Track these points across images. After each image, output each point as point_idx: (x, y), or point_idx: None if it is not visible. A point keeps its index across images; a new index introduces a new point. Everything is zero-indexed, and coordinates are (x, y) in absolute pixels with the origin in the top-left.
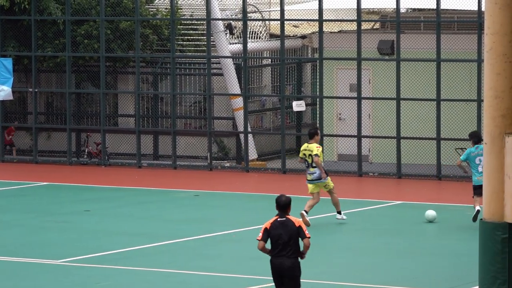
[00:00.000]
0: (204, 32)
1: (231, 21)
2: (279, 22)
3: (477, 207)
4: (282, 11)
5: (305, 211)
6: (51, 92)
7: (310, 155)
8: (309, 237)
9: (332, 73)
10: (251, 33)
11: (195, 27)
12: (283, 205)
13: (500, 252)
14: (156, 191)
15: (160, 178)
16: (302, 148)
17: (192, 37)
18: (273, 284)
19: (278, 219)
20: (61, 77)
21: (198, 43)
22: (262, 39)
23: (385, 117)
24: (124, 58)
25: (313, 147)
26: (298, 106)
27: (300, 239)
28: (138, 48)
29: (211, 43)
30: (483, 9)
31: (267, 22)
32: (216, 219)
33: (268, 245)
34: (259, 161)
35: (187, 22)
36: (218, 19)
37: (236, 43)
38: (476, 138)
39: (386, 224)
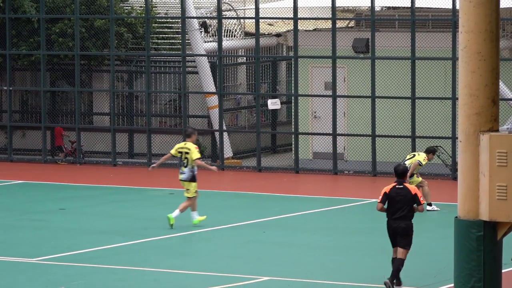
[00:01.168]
0: (179, 30)
1: (206, 19)
2: (254, 20)
3: None
4: (257, 9)
5: (429, 204)
6: (25, 91)
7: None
8: (423, 203)
9: (307, 71)
10: (226, 31)
11: (170, 25)
12: (401, 173)
13: (475, 250)
14: (131, 189)
15: (135, 177)
16: None
17: (167, 35)
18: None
19: (396, 186)
20: (36, 75)
21: (173, 41)
22: (237, 37)
23: (360, 115)
24: (99, 56)
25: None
26: (273, 104)
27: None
28: (113, 46)
29: (186, 41)
30: (457, 7)
31: (242, 20)
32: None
33: None
34: (235, 159)
35: (162, 20)
36: (193, 17)
37: (211, 41)
38: None
39: (361, 222)
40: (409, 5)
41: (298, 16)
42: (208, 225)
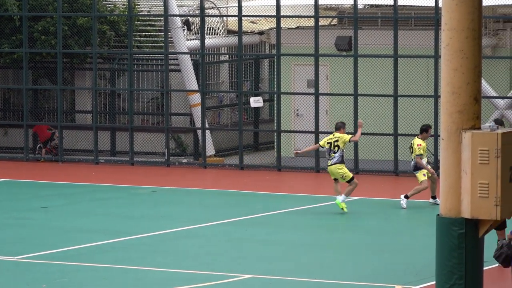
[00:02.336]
0: (162, 28)
1: (188, 17)
2: (236, 18)
3: None
4: (239, 7)
5: (405, 196)
6: (8, 88)
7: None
8: None
9: (290, 69)
10: (208, 29)
11: (153, 23)
12: None
13: (456, 248)
14: (114, 187)
15: (118, 175)
16: None
17: (149, 33)
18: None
19: None
20: (18, 73)
21: (156, 39)
22: (219, 35)
23: (343, 113)
24: (81, 54)
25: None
26: (255, 102)
27: None
28: (96, 44)
29: (169, 39)
30: (440, 5)
31: (224, 18)
32: (173, 215)
33: None
34: (217, 157)
35: (145, 18)
36: (176, 15)
37: (193, 39)
38: None
39: (343, 220)
40: (392, 3)
41: (281, 14)
42: (190, 223)
